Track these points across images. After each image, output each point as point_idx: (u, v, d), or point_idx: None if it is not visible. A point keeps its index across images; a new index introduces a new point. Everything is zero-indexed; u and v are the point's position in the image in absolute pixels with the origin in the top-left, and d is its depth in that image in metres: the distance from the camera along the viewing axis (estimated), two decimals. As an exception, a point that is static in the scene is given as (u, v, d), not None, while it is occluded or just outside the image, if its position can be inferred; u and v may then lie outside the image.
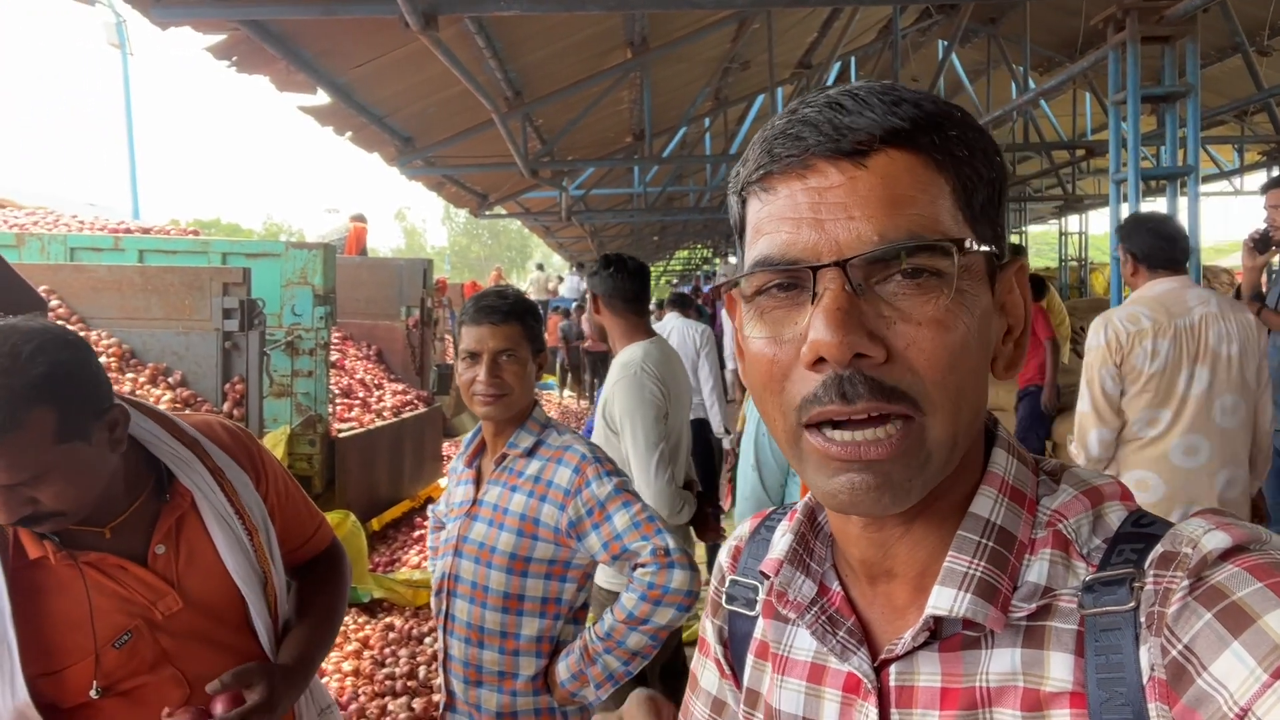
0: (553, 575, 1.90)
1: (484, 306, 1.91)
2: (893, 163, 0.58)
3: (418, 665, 3.80)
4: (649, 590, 1.81)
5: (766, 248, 0.60)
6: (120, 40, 16.40)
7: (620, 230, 19.94)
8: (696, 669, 0.88)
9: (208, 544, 1.42)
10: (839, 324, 0.56)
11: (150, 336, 4.47)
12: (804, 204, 0.59)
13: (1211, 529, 0.56)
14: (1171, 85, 5.07)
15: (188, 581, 1.40)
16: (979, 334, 0.60)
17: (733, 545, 0.85)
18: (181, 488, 1.42)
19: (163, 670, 1.37)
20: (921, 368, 0.57)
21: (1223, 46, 8.66)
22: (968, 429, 0.61)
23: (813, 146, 0.59)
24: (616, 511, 1.84)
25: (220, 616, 1.43)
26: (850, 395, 0.56)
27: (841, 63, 10.10)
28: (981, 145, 0.62)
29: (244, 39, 4.78)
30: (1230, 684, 0.50)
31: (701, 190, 14.70)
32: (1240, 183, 12.57)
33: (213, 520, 1.43)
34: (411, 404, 6.61)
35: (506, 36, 6.06)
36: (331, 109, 6.34)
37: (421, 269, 7.28)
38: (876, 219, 0.57)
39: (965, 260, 0.58)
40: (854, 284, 0.57)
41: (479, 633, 1.89)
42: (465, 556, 1.92)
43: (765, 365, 0.61)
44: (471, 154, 8.76)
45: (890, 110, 0.59)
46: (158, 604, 1.37)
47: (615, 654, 1.84)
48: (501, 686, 1.89)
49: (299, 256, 5.36)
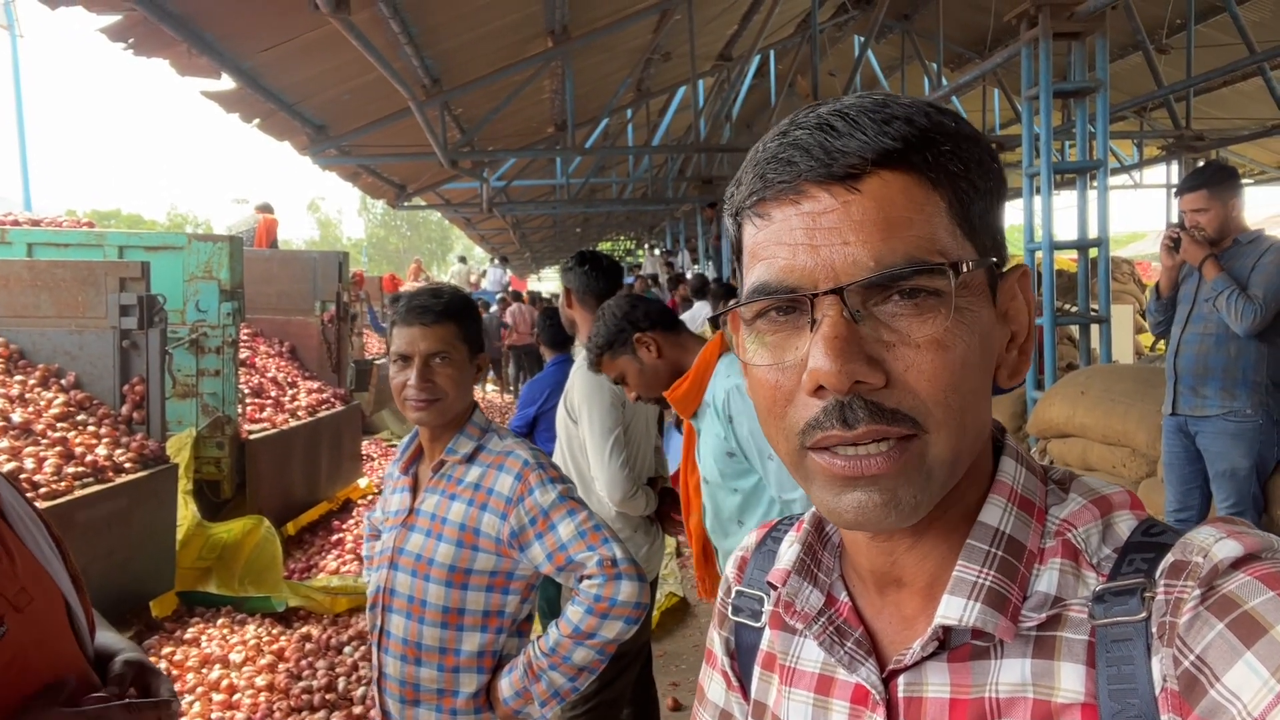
0: (494, 587, 1.81)
1: (415, 306, 1.80)
2: (886, 185, 0.58)
3: (337, 677, 3.65)
4: (595, 603, 1.73)
5: (763, 274, 0.60)
6: (9, 20, 15.52)
7: (543, 222, 19.77)
8: (703, 681, 0.88)
9: (22, 546, 1.34)
10: (838, 353, 0.56)
11: (40, 336, 4.20)
12: (799, 229, 0.59)
13: (1223, 537, 0.56)
14: (1081, 81, 5.22)
15: (24, 579, 1.31)
16: (980, 350, 0.60)
17: (739, 556, 0.85)
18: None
19: (32, 667, 1.27)
20: (922, 390, 0.57)
21: (1124, 45, 9.00)
22: (971, 445, 0.61)
23: (805, 172, 0.58)
24: (561, 520, 1.76)
25: (53, 617, 1.35)
26: (851, 421, 0.57)
27: (761, 56, 10.17)
28: (976, 156, 0.61)
29: (141, 20, 4.53)
30: (1244, 695, 0.50)
31: (624, 182, 14.68)
32: (1140, 176, 13.13)
33: (20, 524, 1.35)
34: (328, 402, 6.40)
35: (423, 22, 5.89)
36: (238, 95, 6.08)
37: (337, 262, 7.05)
38: (871, 243, 0.57)
39: (963, 278, 0.58)
40: (851, 310, 0.57)
41: (416, 649, 1.80)
42: (401, 569, 1.82)
43: (769, 390, 0.61)
44: (388, 143, 8.54)
45: (881, 131, 0.58)
46: (16, 595, 1.28)
47: (561, 670, 1.76)
48: (441, 705, 1.80)
49: (203, 249, 5.11)
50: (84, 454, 3.79)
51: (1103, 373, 4.68)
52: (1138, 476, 4.25)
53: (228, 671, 3.61)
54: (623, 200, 14.74)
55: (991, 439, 0.67)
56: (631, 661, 2.90)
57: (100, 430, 3.99)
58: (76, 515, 3.48)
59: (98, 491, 3.63)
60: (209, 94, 5.97)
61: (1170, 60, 8.84)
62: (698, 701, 0.89)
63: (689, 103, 9.88)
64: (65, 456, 3.71)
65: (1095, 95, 5.26)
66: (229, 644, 3.86)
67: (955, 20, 9.26)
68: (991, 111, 11.60)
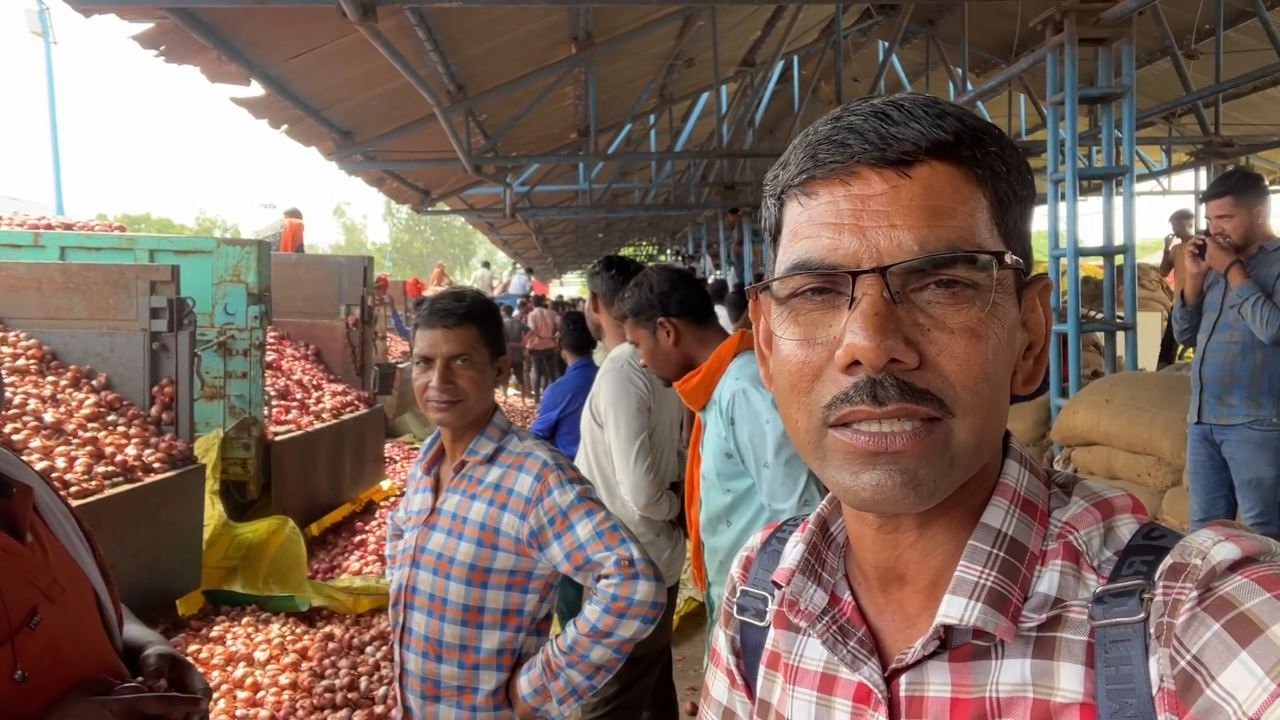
0: (514, 586, 1.84)
1: (438, 309, 1.83)
2: (936, 174, 0.59)
3: (359, 676, 3.69)
4: (613, 602, 1.76)
5: (806, 251, 0.61)
6: (43, 28, 15.81)
7: (565, 227, 19.83)
8: (709, 680, 0.89)
9: (54, 539, 1.39)
10: (877, 329, 0.57)
11: (72, 337, 4.28)
12: (846, 210, 0.60)
13: (1221, 540, 0.57)
14: (1108, 86, 5.18)
15: (57, 570, 1.36)
16: (1007, 346, 0.61)
17: (744, 556, 0.86)
18: (22, 485, 1.38)
19: (65, 655, 1.32)
20: (953, 374, 0.58)
21: (1152, 50, 8.91)
22: (993, 436, 0.62)
23: (858, 154, 0.60)
24: (579, 520, 1.79)
25: (84, 608, 1.40)
26: (882, 397, 0.57)
27: (785, 61, 10.16)
28: (1017, 163, 0.63)
29: (172, 27, 4.61)
30: (1239, 694, 0.50)
31: (647, 187, 14.69)
32: (1168, 183, 12.97)
33: (53, 519, 1.41)
34: (352, 405, 6.46)
35: (448, 29, 5.94)
36: (266, 101, 6.16)
37: (362, 266, 7.11)
38: (918, 228, 0.58)
39: (999, 274, 0.59)
40: (892, 291, 0.58)
41: (437, 646, 1.83)
42: (423, 567, 1.86)
43: (795, 366, 0.62)
44: (413, 149, 8.60)
45: (935, 122, 0.60)
46: (49, 587, 1.32)
47: (578, 668, 1.79)
48: (461, 701, 1.83)
49: (232, 253, 5.19)
50: (114, 454, 3.86)
51: (1128, 380, 4.64)
52: (1163, 485, 4.21)
53: (252, 670, 3.66)
54: (645, 206, 14.75)
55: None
56: (652, 665, 2.91)
57: (130, 431, 4.06)
58: (106, 514, 3.54)
59: (127, 491, 3.69)
60: (238, 100, 6.05)
61: (1199, 65, 8.74)
62: (703, 699, 0.90)
63: (712, 108, 9.89)
64: (96, 456, 3.78)
65: (1121, 101, 5.22)
66: (254, 642, 3.91)
67: (980, 25, 9.20)
68: (1017, 117, 11.50)
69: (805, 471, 1.94)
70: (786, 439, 1.89)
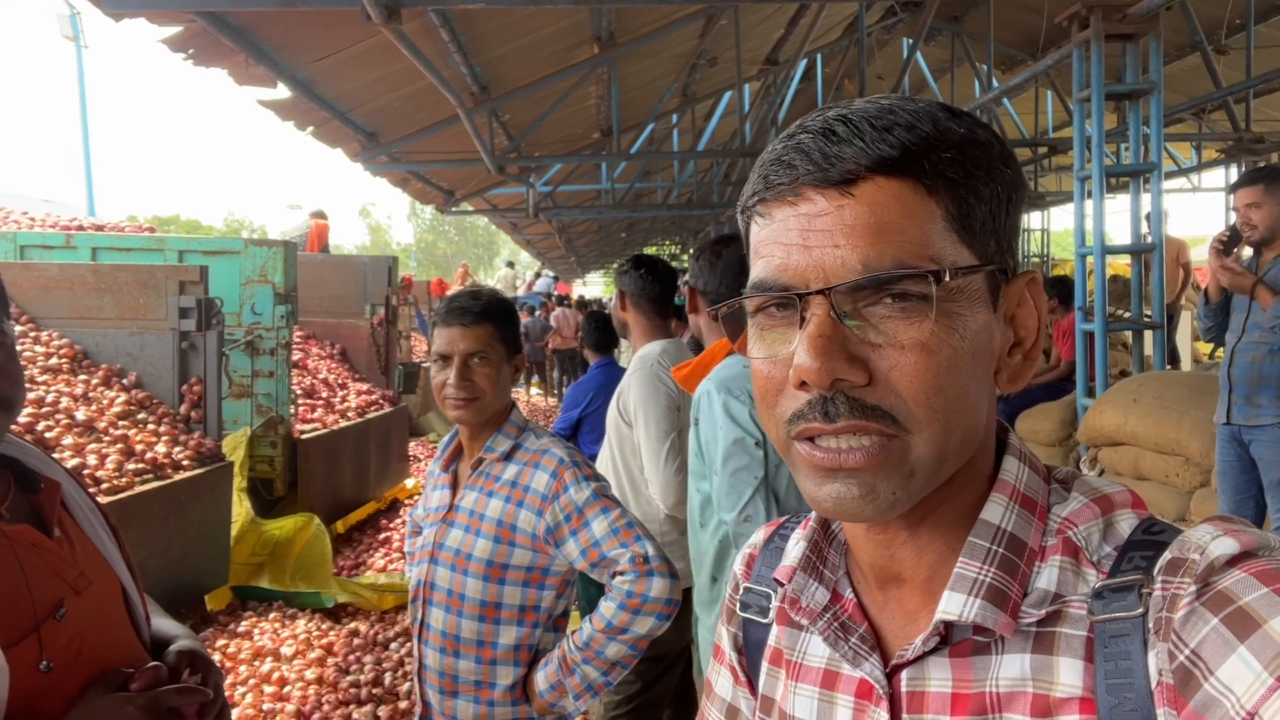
0: (531, 583, 1.86)
1: (455, 308, 1.86)
2: (880, 190, 0.59)
3: (384, 672, 3.73)
4: (628, 599, 1.78)
5: (762, 271, 0.63)
6: (74, 32, 16.06)
7: (588, 227, 19.86)
8: (711, 676, 0.89)
9: (82, 534, 1.42)
10: (820, 350, 0.58)
11: (103, 337, 4.35)
12: (794, 230, 0.61)
13: (1219, 535, 0.57)
14: (1135, 83, 5.12)
15: (84, 563, 1.38)
16: (971, 353, 0.60)
17: (747, 553, 0.87)
18: (50, 481, 1.40)
19: (90, 646, 1.34)
20: (904, 390, 0.58)
21: (1181, 45, 8.79)
22: (960, 445, 0.61)
23: (802, 175, 0.60)
24: (595, 517, 1.81)
25: (111, 601, 1.42)
26: (832, 414, 0.59)
27: (808, 60, 10.12)
28: (983, 162, 0.62)
29: (201, 31, 4.67)
30: (1237, 688, 0.51)
31: (669, 187, 14.68)
32: (1199, 180, 12.80)
33: (80, 514, 1.43)
34: (377, 404, 6.51)
35: (471, 30, 5.98)
36: (292, 103, 6.22)
37: (386, 266, 7.18)
38: (860, 248, 0.58)
39: (953, 284, 0.59)
40: (839, 310, 0.59)
41: (455, 642, 1.85)
42: (441, 564, 1.88)
43: (762, 381, 0.63)
44: (437, 149, 8.65)
45: (880, 138, 0.59)
46: (75, 579, 1.34)
47: (594, 664, 1.81)
48: (478, 696, 1.85)
49: (259, 254, 5.25)
50: (144, 451, 3.92)
51: (1156, 380, 4.58)
52: (1191, 486, 4.16)
53: (279, 664, 3.71)
54: (668, 205, 14.74)
55: (995, 438, 0.68)
56: (673, 664, 2.91)
57: (159, 428, 4.13)
58: (136, 510, 3.60)
59: (157, 488, 3.75)
60: (265, 103, 6.12)
61: (1229, 61, 8.62)
62: (705, 696, 0.89)
63: (734, 108, 9.86)
64: (126, 453, 3.84)
65: (1149, 97, 5.15)
66: (280, 638, 3.96)
67: (1006, 22, 9.13)
68: (1044, 114, 11.39)
69: (751, 487, 1.85)
70: (736, 449, 1.85)
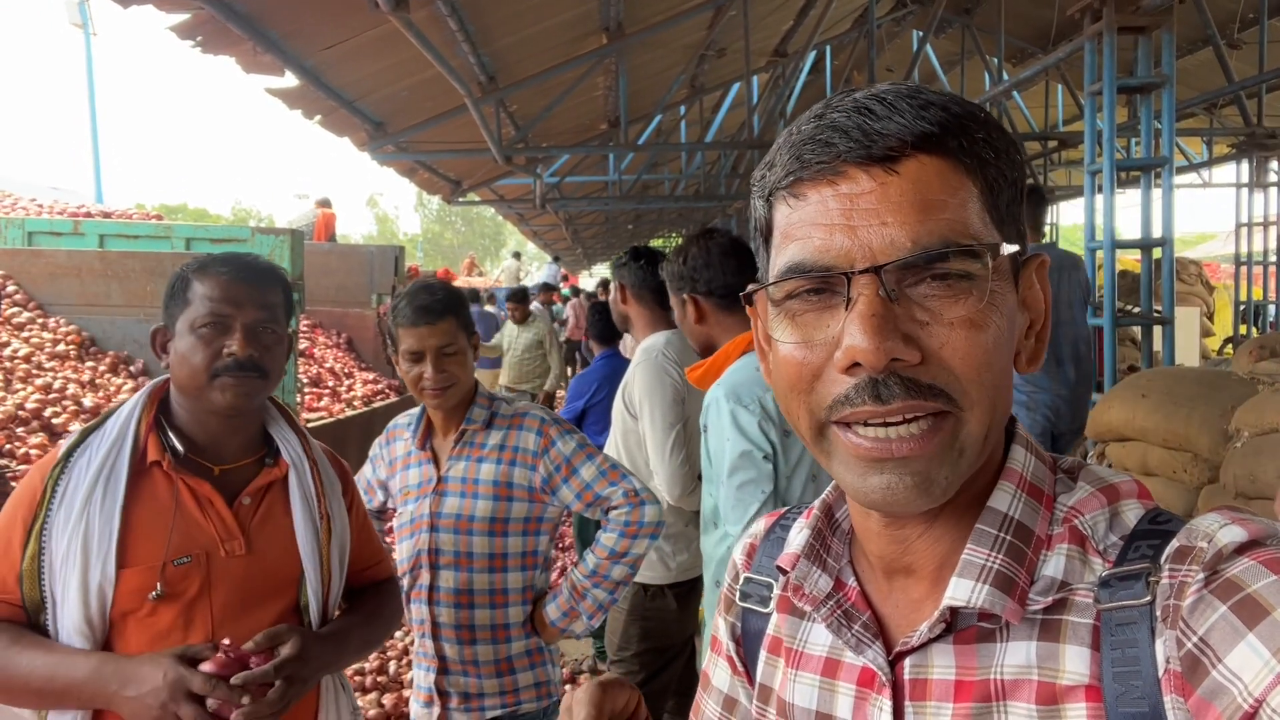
0: (529, 531, 2.08)
1: (419, 307, 2.01)
2: (923, 167, 0.59)
3: (388, 660, 3.74)
4: (626, 527, 2.05)
5: (798, 253, 0.60)
6: (83, 19, 16.06)
7: (595, 218, 19.84)
8: (709, 668, 0.88)
9: (286, 513, 1.58)
10: (875, 330, 0.56)
11: (110, 324, 4.36)
12: (836, 210, 0.59)
13: (1227, 523, 0.57)
14: (1147, 76, 5.08)
15: (258, 537, 1.54)
16: (1008, 332, 0.61)
17: (747, 543, 0.86)
18: (283, 461, 1.61)
19: (198, 605, 1.48)
20: (957, 367, 0.58)
21: (1193, 39, 8.72)
22: (999, 424, 0.62)
23: (844, 153, 0.59)
24: (582, 465, 2.06)
25: (274, 580, 1.55)
26: (885, 397, 0.57)
27: (817, 52, 10.08)
28: (1005, 146, 0.62)
29: (209, 18, 4.66)
30: (1245, 676, 0.50)
31: (676, 178, 14.66)
32: (1209, 175, 12.72)
33: (296, 496, 1.58)
34: (382, 393, 6.52)
35: (480, 20, 5.96)
36: (300, 91, 6.22)
37: (393, 256, 7.17)
38: (909, 225, 0.57)
39: (996, 261, 0.59)
40: (888, 289, 0.57)
41: (469, 596, 2.04)
42: (443, 530, 2.05)
43: (794, 368, 0.62)
44: (444, 139, 8.64)
45: (919, 115, 0.59)
46: (225, 544, 1.51)
47: (602, 586, 2.08)
48: (495, 638, 2.06)
49: (265, 242, 5.24)
50: (151, 438, 3.92)
51: (1164, 375, 4.55)
52: (1199, 482, 4.14)
53: (283, 652, 3.72)
54: (675, 197, 14.72)
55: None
56: (676, 655, 2.92)
57: (166, 416, 4.13)
58: (143, 497, 3.60)
59: (163, 475, 3.75)
60: (273, 91, 6.12)
61: (1242, 55, 8.55)
62: (701, 688, 0.89)
63: (743, 99, 9.83)
64: (133, 440, 3.85)
65: (1161, 91, 5.12)
66: (285, 626, 3.96)
67: (1017, 14, 9.07)
68: (1055, 107, 11.32)
69: (759, 501, 1.83)
70: (743, 462, 1.84)
